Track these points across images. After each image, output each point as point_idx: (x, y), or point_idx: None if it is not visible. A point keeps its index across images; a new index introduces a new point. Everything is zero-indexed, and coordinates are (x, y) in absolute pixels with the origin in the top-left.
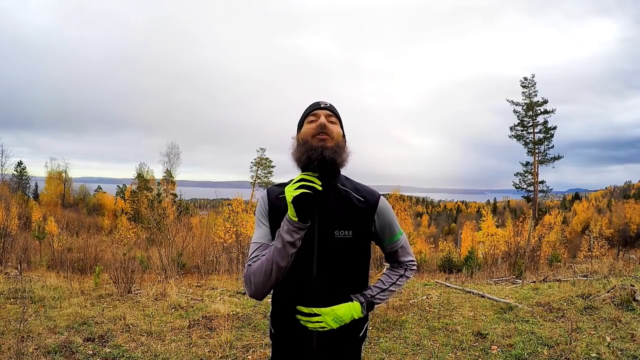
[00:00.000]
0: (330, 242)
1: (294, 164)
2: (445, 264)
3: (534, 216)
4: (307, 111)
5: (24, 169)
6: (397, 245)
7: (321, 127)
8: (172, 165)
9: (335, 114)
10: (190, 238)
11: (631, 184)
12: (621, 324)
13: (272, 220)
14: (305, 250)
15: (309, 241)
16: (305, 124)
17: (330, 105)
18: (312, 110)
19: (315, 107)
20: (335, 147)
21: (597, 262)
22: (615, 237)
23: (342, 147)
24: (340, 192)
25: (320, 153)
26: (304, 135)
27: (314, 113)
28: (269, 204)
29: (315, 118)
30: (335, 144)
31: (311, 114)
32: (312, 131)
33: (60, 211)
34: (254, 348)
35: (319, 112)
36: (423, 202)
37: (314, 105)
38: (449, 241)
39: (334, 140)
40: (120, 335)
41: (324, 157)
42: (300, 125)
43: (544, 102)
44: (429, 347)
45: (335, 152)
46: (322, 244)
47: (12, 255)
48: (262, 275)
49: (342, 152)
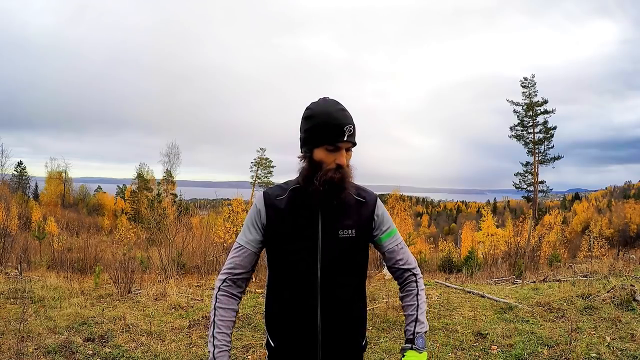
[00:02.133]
0: (335, 243)
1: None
2: (445, 264)
3: (534, 216)
4: (326, 133)
5: (24, 169)
6: (395, 242)
7: (339, 167)
8: (172, 165)
9: (355, 141)
10: (190, 238)
11: (631, 184)
12: (621, 324)
13: (269, 224)
14: (309, 252)
15: (312, 243)
16: (322, 149)
17: (353, 130)
18: (334, 141)
19: (339, 139)
20: (345, 181)
21: (597, 262)
22: (615, 237)
23: (350, 173)
24: (344, 194)
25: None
26: (318, 164)
27: (336, 145)
28: (266, 209)
29: (334, 151)
30: (346, 177)
31: (331, 144)
32: (328, 167)
33: (60, 211)
34: (254, 348)
35: (342, 146)
36: (423, 202)
37: (336, 130)
38: (449, 241)
39: (346, 174)
40: (120, 335)
41: (332, 195)
42: (312, 139)
43: (544, 102)
44: (429, 347)
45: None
46: (326, 245)
47: (12, 255)
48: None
49: (348, 181)
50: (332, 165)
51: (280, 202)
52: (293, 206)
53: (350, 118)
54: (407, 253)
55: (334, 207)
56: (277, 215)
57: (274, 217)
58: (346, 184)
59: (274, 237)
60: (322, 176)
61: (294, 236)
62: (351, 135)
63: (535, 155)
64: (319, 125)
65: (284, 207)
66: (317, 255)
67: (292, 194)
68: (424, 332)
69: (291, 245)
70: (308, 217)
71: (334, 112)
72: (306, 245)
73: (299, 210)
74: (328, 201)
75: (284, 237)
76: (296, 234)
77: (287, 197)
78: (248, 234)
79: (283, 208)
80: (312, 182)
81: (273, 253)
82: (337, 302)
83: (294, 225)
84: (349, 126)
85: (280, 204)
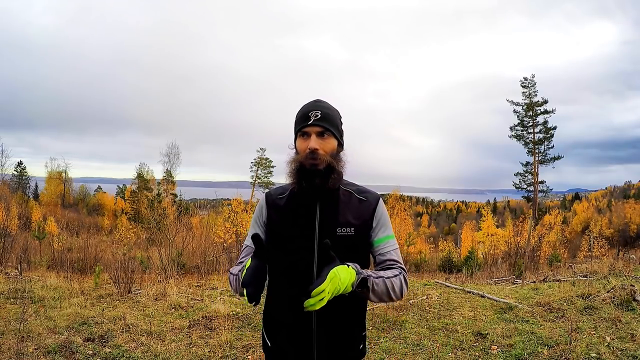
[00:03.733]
0: (332, 240)
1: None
2: (445, 264)
3: (534, 216)
4: (298, 122)
5: (24, 169)
6: (389, 246)
7: (311, 153)
8: (172, 165)
9: (326, 125)
10: (190, 238)
11: (631, 184)
12: (621, 324)
13: (269, 220)
14: (305, 250)
15: (309, 241)
16: (298, 138)
17: (321, 115)
18: (302, 126)
19: (305, 124)
20: (326, 169)
21: (597, 262)
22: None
23: (334, 163)
24: (343, 193)
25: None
26: (298, 151)
27: (303, 130)
28: (267, 207)
29: (306, 138)
30: (327, 165)
31: (301, 130)
32: (303, 153)
33: (60, 211)
34: (254, 348)
35: (309, 131)
36: (423, 202)
37: (304, 117)
38: (449, 241)
39: (326, 161)
40: (120, 335)
41: (313, 185)
42: (295, 134)
43: (544, 102)
44: (429, 347)
45: (325, 175)
46: (323, 237)
47: (12, 255)
48: (232, 287)
49: (334, 171)
50: (306, 151)
51: (281, 200)
52: (292, 205)
53: (323, 107)
54: (399, 257)
55: (331, 203)
56: (277, 214)
57: (274, 216)
58: (318, 166)
59: (274, 236)
60: (294, 162)
61: (293, 235)
62: (319, 119)
63: (535, 155)
64: (295, 119)
65: (283, 206)
66: (313, 254)
67: (291, 193)
68: (367, 275)
69: (291, 244)
70: (306, 215)
71: (307, 105)
72: (305, 244)
73: (297, 209)
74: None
75: (284, 236)
76: (295, 233)
77: (287, 196)
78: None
79: (283, 206)
80: (292, 171)
81: (272, 249)
82: (332, 303)
83: (294, 224)
84: (316, 111)
85: (280, 203)
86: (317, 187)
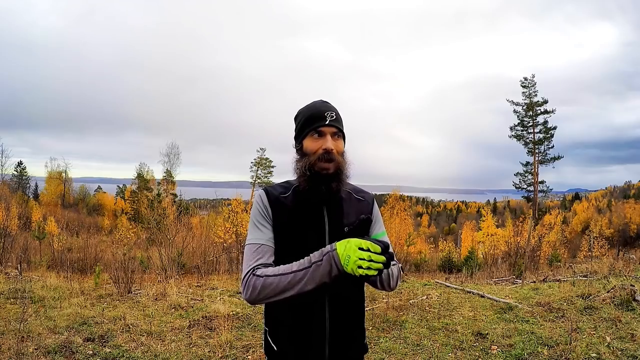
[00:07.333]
0: (341, 234)
1: (295, 176)
2: (445, 264)
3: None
4: (310, 121)
5: (24, 169)
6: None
7: (327, 153)
8: (172, 165)
9: (340, 127)
10: (190, 238)
11: (631, 184)
12: (621, 324)
13: (276, 220)
14: (316, 244)
15: (321, 241)
16: (309, 137)
17: (335, 117)
18: (317, 125)
19: (321, 123)
20: (338, 172)
21: (597, 262)
22: (615, 237)
23: (344, 166)
24: (343, 193)
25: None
26: (308, 153)
27: (319, 130)
28: (270, 206)
29: (320, 137)
30: (338, 167)
31: (315, 129)
32: (316, 154)
33: (60, 211)
34: (254, 348)
35: (325, 131)
36: (423, 202)
37: (318, 116)
38: (449, 241)
39: (339, 163)
40: (120, 335)
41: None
42: (300, 132)
43: (544, 102)
44: (429, 347)
45: (338, 178)
46: (333, 238)
47: (12, 255)
48: (275, 293)
49: (343, 174)
50: (319, 151)
51: (286, 199)
52: (299, 204)
53: (335, 109)
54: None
55: (337, 203)
56: (284, 212)
57: (280, 215)
58: (336, 167)
59: (282, 235)
60: (306, 163)
61: (303, 233)
62: (334, 120)
63: (535, 155)
64: (304, 117)
65: (289, 205)
66: None
67: (295, 192)
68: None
69: (302, 242)
70: (314, 213)
71: (317, 104)
72: (317, 245)
73: (305, 208)
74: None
75: (294, 235)
76: (307, 234)
77: (291, 195)
78: (259, 232)
79: (289, 205)
80: (304, 173)
81: (281, 251)
82: (346, 300)
83: (303, 222)
84: (331, 112)
85: (286, 201)
86: (332, 191)
